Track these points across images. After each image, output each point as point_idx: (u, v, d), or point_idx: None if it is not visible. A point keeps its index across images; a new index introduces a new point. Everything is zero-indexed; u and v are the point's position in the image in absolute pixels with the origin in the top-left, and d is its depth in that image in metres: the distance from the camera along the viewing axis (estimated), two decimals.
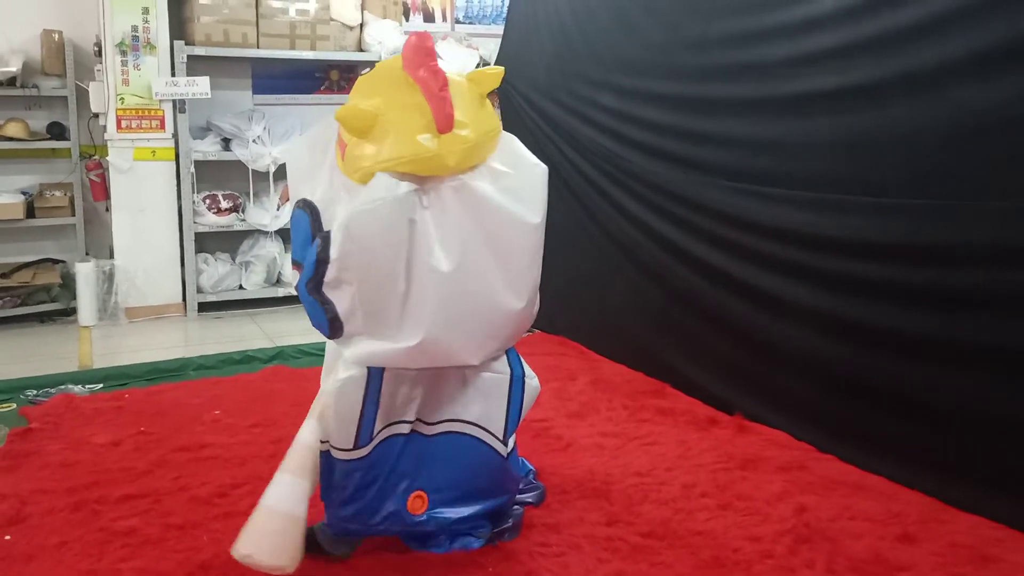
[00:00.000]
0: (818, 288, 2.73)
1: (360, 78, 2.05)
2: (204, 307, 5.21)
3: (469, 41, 6.08)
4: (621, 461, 2.76)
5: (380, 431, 2.02)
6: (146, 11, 4.90)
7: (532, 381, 2.21)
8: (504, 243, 1.97)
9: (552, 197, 4.16)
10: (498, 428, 2.13)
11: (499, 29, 5.19)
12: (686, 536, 2.27)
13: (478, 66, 5.84)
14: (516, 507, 2.35)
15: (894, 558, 2.13)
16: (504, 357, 2.15)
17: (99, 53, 5.00)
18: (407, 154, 1.86)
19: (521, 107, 4.43)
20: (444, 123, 1.87)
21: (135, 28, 4.89)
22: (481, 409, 2.12)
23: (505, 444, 2.16)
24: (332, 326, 1.95)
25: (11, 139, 4.90)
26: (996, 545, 2.18)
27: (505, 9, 5.01)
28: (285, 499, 1.95)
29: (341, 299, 1.91)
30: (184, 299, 5.18)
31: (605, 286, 3.90)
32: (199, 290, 5.18)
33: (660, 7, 3.45)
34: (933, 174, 2.37)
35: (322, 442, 2.02)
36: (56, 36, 5.02)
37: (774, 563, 2.13)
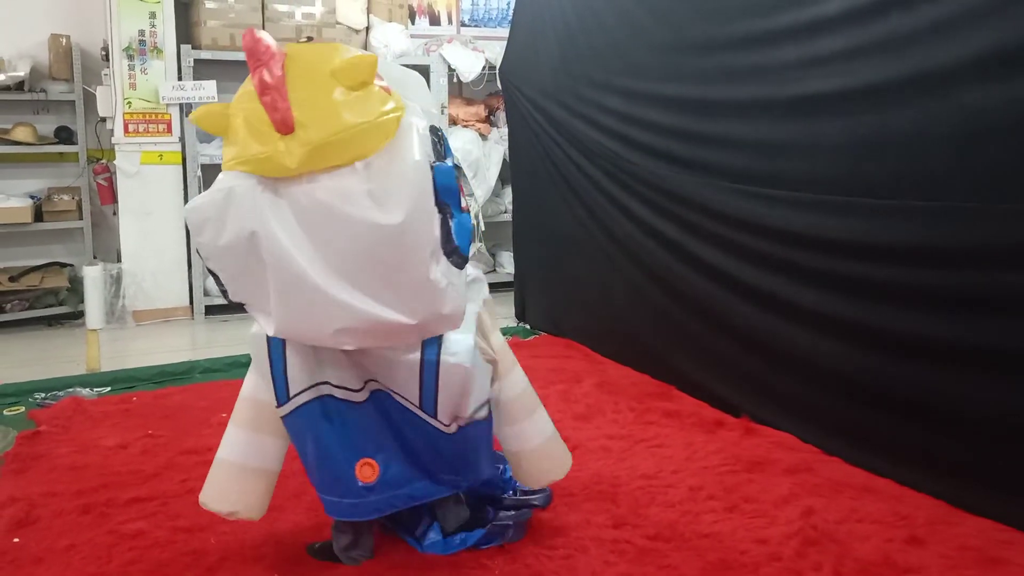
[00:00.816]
0: (825, 290, 2.73)
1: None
2: (211, 310, 5.22)
3: (475, 44, 6.09)
4: (627, 463, 2.76)
5: (301, 392, 2.01)
6: (153, 16, 4.92)
7: (451, 359, 2.00)
8: (349, 245, 1.86)
9: (557, 199, 4.21)
10: (418, 404, 2.03)
11: (505, 32, 5.19)
12: (693, 539, 2.27)
13: (484, 68, 5.86)
14: (523, 509, 2.35)
15: (902, 560, 2.13)
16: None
17: (106, 57, 5.03)
18: (243, 155, 1.88)
19: (526, 110, 4.44)
20: (279, 125, 1.82)
21: (142, 32, 4.91)
22: (397, 383, 2.03)
23: (443, 423, 2.04)
24: (224, 294, 2.02)
25: (19, 143, 4.92)
26: (1005, 547, 2.18)
27: (511, 12, 5.01)
28: (228, 449, 2.15)
29: (220, 274, 1.99)
30: (191, 302, 5.20)
31: (611, 288, 3.90)
32: (206, 293, 5.20)
33: (665, 10, 3.44)
34: (940, 176, 2.36)
35: None
36: (64, 41, 5.05)
37: (781, 566, 2.12)
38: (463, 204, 1.98)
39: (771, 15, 2.88)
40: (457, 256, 1.93)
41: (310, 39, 2.00)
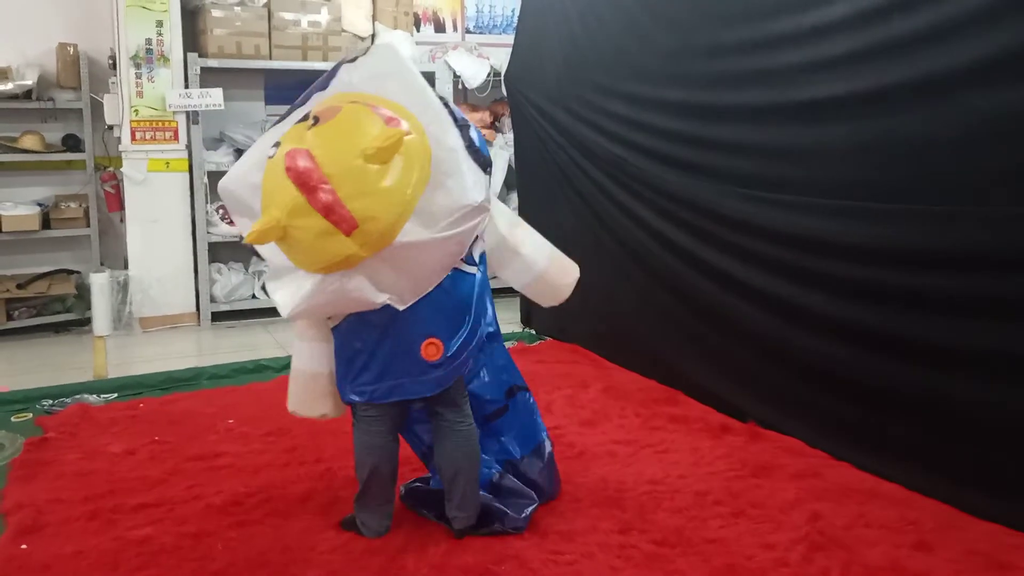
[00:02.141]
0: (832, 294, 2.72)
1: (264, 182, 2.03)
2: (217, 316, 5.23)
3: (479, 51, 6.10)
4: (634, 469, 2.76)
5: None
6: (160, 24, 4.94)
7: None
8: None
9: (563, 204, 4.22)
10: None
11: (509, 38, 5.20)
12: (699, 544, 2.26)
13: (489, 75, 5.87)
14: (527, 502, 2.38)
15: (910, 566, 2.12)
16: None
17: (113, 66, 5.05)
18: (320, 261, 1.96)
19: (532, 116, 4.45)
20: (347, 230, 1.90)
21: (149, 41, 4.93)
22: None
23: (474, 264, 2.23)
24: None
25: (27, 151, 4.95)
26: (1013, 552, 2.17)
27: (515, 18, 5.03)
28: (298, 359, 2.35)
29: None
30: (198, 309, 5.20)
31: (617, 293, 3.89)
32: (212, 300, 5.21)
33: (671, 15, 3.45)
34: (946, 180, 2.36)
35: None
36: (71, 49, 5.07)
37: (788, 571, 2.12)
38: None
39: (775, 20, 2.88)
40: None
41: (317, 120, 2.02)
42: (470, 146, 2.06)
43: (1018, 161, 2.18)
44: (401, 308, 2.08)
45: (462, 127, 2.09)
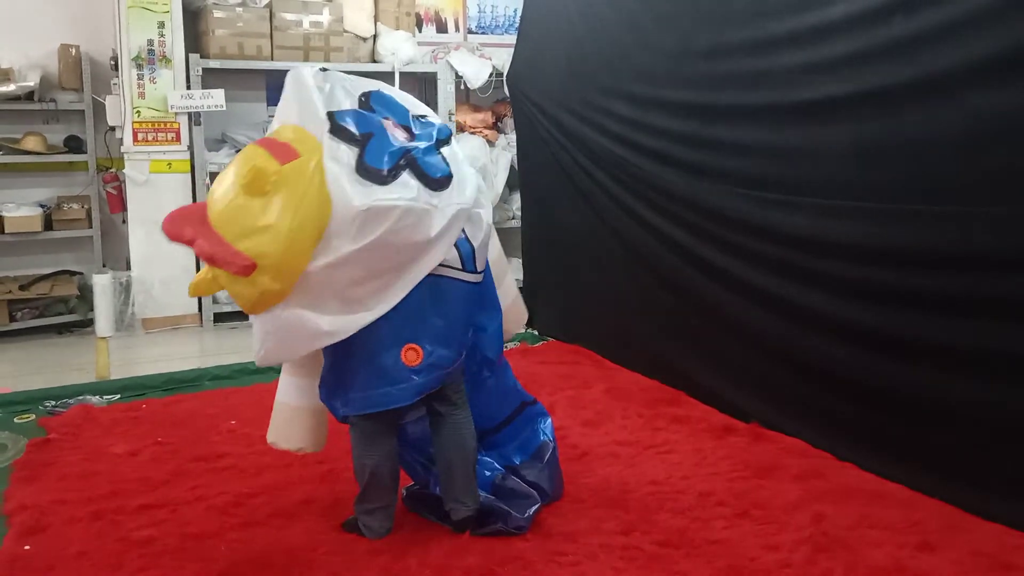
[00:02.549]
0: (834, 295, 2.72)
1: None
2: (220, 317, 5.23)
3: (481, 51, 6.11)
4: (637, 470, 2.75)
5: None
6: (162, 25, 4.95)
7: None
8: None
9: (566, 205, 4.21)
10: (456, 260, 2.22)
11: (511, 38, 5.21)
12: (702, 545, 2.26)
13: (491, 75, 5.87)
14: (530, 502, 2.38)
15: (914, 567, 2.11)
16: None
17: (115, 67, 5.05)
18: (251, 298, 2.07)
19: (534, 116, 4.44)
20: (244, 272, 1.99)
21: (151, 42, 4.93)
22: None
23: (474, 272, 2.26)
24: None
25: (29, 153, 4.95)
26: (1018, 553, 2.16)
27: (517, 19, 5.02)
28: (282, 392, 2.42)
29: None
30: (200, 310, 5.21)
31: (620, 294, 3.89)
32: (215, 301, 5.21)
33: (673, 16, 3.45)
34: (947, 180, 2.36)
35: None
36: (73, 51, 5.08)
37: (792, 572, 2.12)
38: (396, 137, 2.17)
39: (777, 21, 2.88)
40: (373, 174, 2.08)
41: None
42: (359, 161, 2.08)
43: (1019, 161, 2.17)
44: (371, 318, 2.11)
45: (354, 142, 2.11)
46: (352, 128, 2.14)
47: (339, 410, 2.26)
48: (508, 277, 2.62)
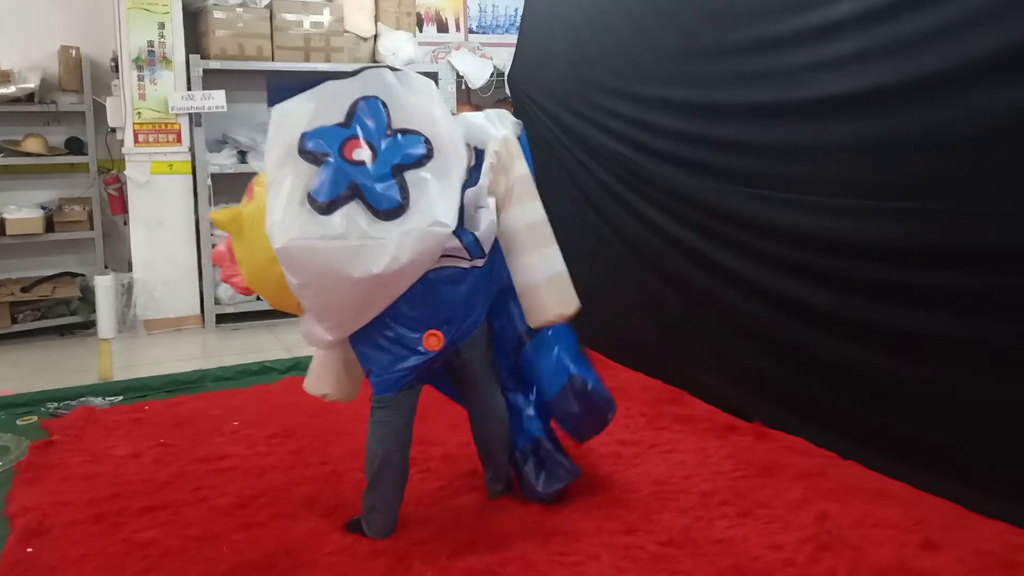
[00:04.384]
0: (836, 293, 2.71)
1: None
2: (222, 319, 5.24)
3: (483, 50, 6.10)
4: (639, 469, 2.75)
5: None
6: (162, 26, 4.95)
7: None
8: None
9: (568, 204, 4.21)
10: (462, 251, 2.24)
11: (512, 38, 5.20)
12: (705, 545, 2.26)
13: (492, 75, 5.87)
14: (563, 473, 2.52)
15: (917, 565, 2.11)
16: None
17: (116, 68, 5.05)
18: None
19: (536, 115, 4.44)
20: (243, 293, 2.46)
21: (151, 43, 4.93)
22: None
23: (482, 257, 2.28)
24: None
25: (30, 154, 4.96)
26: (1021, 552, 2.15)
27: (518, 18, 5.02)
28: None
29: None
30: (202, 311, 5.21)
31: (622, 293, 3.89)
32: (217, 302, 5.21)
33: (675, 14, 3.44)
34: (955, 178, 2.35)
35: None
36: (73, 52, 5.08)
37: (795, 571, 2.11)
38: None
39: (780, 19, 2.87)
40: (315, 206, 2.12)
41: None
42: (307, 193, 2.14)
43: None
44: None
45: (316, 162, 2.17)
46: (311, 149, 2.18)
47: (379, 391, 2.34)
48: (536, 253, 2.41)
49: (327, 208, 2.09)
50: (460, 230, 2.21)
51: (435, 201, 2.17)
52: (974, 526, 2.29)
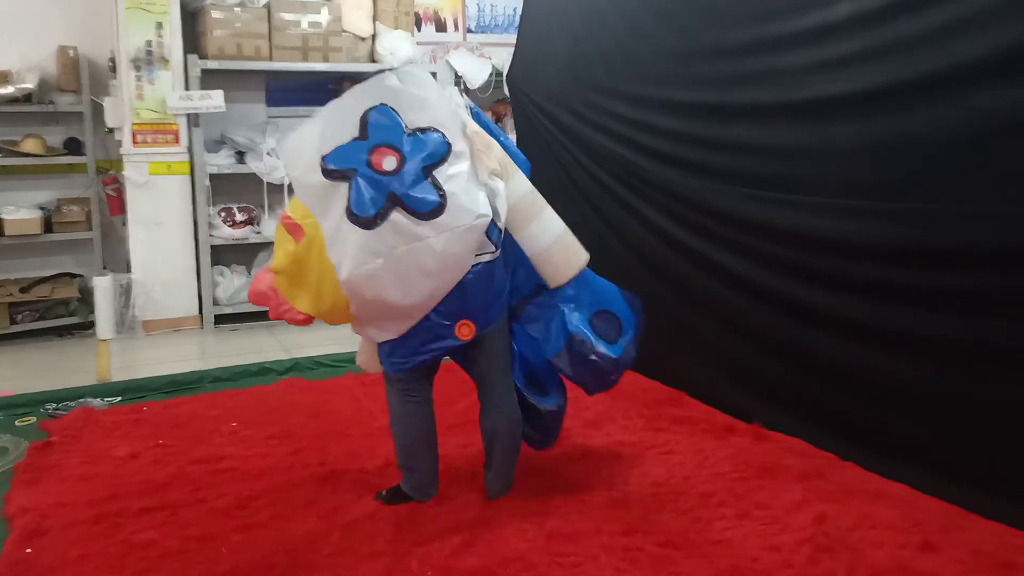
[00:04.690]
0: (837, 294, 2.72)
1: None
2: (220, 319, 5.23)
3: (481, 50, 6.10)
4: (638, 470, 2.75)
5: None
6: (160, 26, 4.94)
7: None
8: None
9: (566, 204, 4.19)
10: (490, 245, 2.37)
11: (511, 38, 5.20)
12: (704, 546, 2.26)
13: (490, 75, 5.86)
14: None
15: (916, 567, 2.11)
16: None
17: (114, 69, 5.05)
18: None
19: (535, 116, 4.44)
20: (303, 323, 2.46)
21: (149, 43, 4.93)
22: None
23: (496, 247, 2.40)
24: None
25: (28, 155, 4.95)
26: (1019, 552, 2.16)
27: (517, 18, 5.02)
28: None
29: None
30: (201, 312, 5.21)
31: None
32: (215, 302, 5.21)
33: (674, 15, 3.44)
34: (952, 178, 2.35)
35: None
36: (71, 52, 5.08)
37: (793, 573, 2.11)
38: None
39: (779, 20, 2.88)
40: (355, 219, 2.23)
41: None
42: (348, 210, 2.23)
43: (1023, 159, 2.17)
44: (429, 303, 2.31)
45: (345, 178, 2.24)
46: (336, 167, 2.25)
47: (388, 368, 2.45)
48: (534, 222, 2.51)
49: (372, 222, 2.20)
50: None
51: (469, 194, 2.29)
52: (972, 527, 2.30)
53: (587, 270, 2.60)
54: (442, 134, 2.31)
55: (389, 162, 2.24)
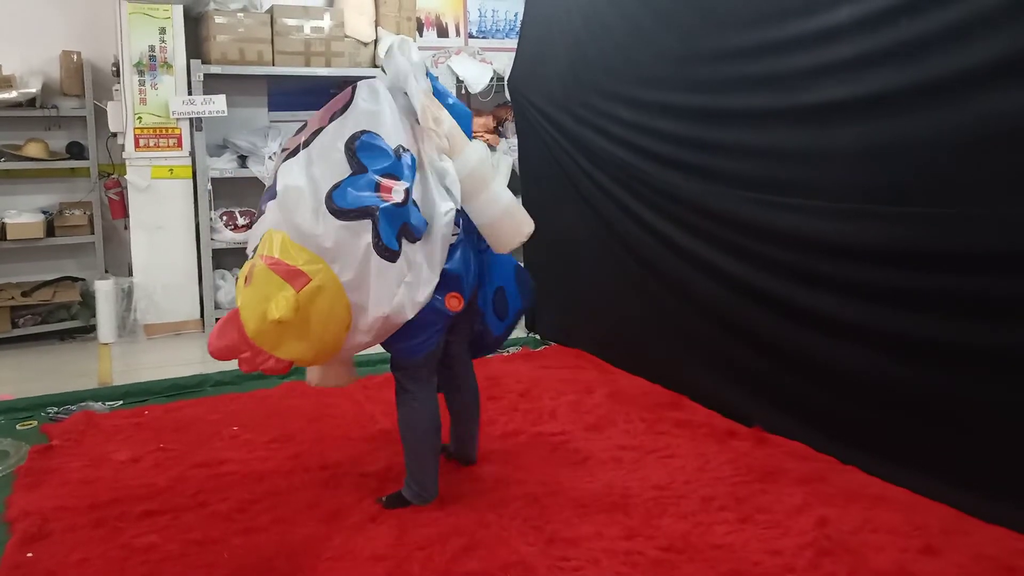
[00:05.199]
0: (838, 297, 2.72)
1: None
2: None
3: (482, 55, 6.11)
4: (639, 474, 2.75)
5: None
6: (163, 31, 4.95)
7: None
8: None
9: (568, 208, 4.22)
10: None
11: (512, 43, 5.20)
12: (705, 550, 2.26)
13: (492, 79, 5.87)
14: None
15: (917, 570, 2.11)
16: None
17: (117, 73, 5.06)
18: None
19: (536, 120, 4.44)
20: (282, 369, 2.29)
21: (152, 48, 4.94)
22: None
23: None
24: None
25: (31, 159, 4.96)
26: (1020, 557, 2.16)
27: (518, 23, 5.03)
28: None
29: None
30: (202, 315, 5.21)
31: (622, 298, 3.89)
32: (217, 306, 5.21)
33: (675, 19, 3.45)
34: (953, 182, 2.35)
35: None
36: (75, 57, 5.09)
37: None
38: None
39: (781, 24, 2.88)
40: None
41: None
42: (376, 242, 2.21)
43: None
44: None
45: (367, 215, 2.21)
46: (351, 207, 2.20)
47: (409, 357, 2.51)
48: (483, 193, 2.50)
49: (396, 255, 2.24)
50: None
51: (433, 193, 2.37)
52: (974, 531, 2.30)
53: None
54: (412, 154, 2.36)
55: (397, 193, 2.23)
